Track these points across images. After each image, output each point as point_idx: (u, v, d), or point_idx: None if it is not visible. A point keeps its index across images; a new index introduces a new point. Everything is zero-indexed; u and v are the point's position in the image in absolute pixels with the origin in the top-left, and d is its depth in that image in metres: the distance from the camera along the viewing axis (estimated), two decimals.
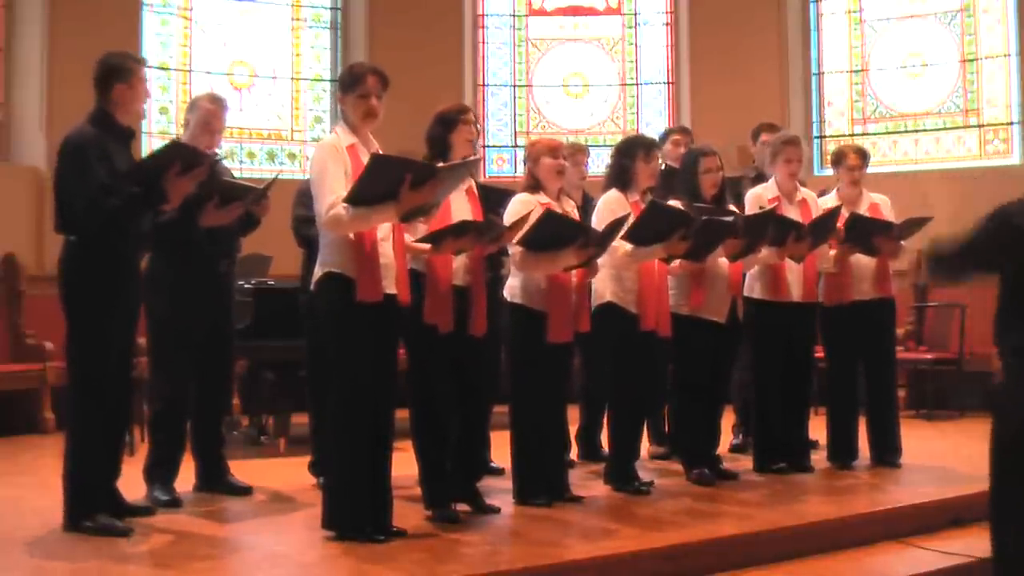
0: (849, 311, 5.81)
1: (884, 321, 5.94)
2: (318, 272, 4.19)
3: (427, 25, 9.51)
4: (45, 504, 4.58)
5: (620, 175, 5.27)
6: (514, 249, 4.74)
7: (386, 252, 4.16)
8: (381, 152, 4.22)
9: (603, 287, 5.19)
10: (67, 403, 4.45)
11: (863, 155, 5.99)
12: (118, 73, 4.40)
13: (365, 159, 4.14)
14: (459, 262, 4.50)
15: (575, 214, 5.02)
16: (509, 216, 4.75)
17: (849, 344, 5.89)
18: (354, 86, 4.23)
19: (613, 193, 5.23)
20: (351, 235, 4.08)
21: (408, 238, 4.36)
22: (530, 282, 4.83)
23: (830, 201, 5.86)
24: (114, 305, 4.30)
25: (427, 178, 4.06)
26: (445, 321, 4.42)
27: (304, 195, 5.05)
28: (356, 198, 4.01)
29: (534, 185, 4.90)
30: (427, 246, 4.38)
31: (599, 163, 8.82)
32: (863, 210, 5.80)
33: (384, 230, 4.16)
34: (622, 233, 4.93)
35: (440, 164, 4.27)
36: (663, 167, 5.94)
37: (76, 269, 4.31)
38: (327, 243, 4.16)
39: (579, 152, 6.18)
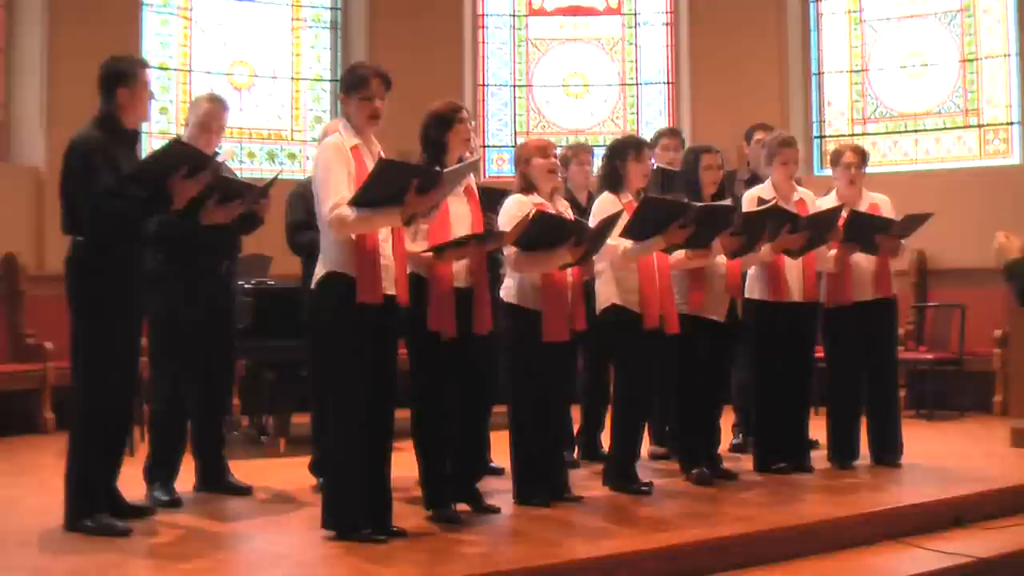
0: (850, 312, 5.80)
1: (885, 321, 5.93)
2: (319, 271, 4.19)
3: (427, 25, 9.50)
4: (45, 504, 4.59)
5: (611, 176, 5.26)
6: (508, 250, 4.73)
7: (386, 253, 4.16)
8: (383, 154, 4.23)
9: (606, 290, 5.19)
10: (71, 402, 4.44)
11: (860, 154, 5.94)
12: (122, 78, 4.40)
13: (368, 160, 4.15)
14: (460, 264, 4.50)
15: (569, 215, 4.99)
16: (504, 216, 4.75)
17: (851, 344, 5.87)
18: (357, 88, 4.22)
19: (606, 195, 5.22)
20: (353, 236, 4.08)
21: (411, 246, 4.36)
22: (525, 282, 4.82)
23: (830, 201, 5.85)
24: (120, 305, 4.31)
25: (433, 183, 4.07)
26: (449, 327, 4.43)
27: (296, 198, 5.17)
28: (361, 200, 4.01)
29: (526, 187, 4.89)
30: (429, 255, 4.39)
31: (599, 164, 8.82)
32: (863, 210, 5.79)
33: (384, 231, 4.16)
34: (619, 231, 4.93)
35: (445, 169, 4.27)
36: (654, 168, 5.93)
37: (83, 269, 4.32)
38: (329, 243, 4.15)
39: (584, 152, 6.17)
